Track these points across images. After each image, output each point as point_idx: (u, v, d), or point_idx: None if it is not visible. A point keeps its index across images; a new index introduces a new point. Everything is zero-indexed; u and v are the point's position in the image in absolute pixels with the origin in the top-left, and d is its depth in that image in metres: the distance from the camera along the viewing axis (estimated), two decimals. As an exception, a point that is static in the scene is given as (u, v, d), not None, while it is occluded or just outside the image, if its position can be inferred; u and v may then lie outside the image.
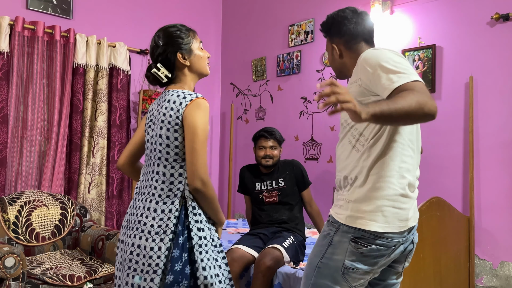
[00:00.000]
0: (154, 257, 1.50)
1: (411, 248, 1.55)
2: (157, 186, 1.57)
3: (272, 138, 2.85)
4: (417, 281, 2.35)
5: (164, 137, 1.57)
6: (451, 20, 3.06)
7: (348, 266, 1.42)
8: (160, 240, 1.51)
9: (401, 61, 1.33)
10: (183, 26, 1.71)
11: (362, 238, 1.40)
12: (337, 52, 1.62)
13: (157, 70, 1.64)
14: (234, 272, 2.52)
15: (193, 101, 1.55)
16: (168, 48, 1.64)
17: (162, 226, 1.52)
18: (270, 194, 2.85)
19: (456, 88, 3.03)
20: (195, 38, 1.71)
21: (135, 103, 3.99)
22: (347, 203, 1.45)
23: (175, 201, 1.54)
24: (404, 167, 1.43)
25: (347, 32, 1.61)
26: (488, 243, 2.86)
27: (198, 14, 4.53)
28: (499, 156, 2.83)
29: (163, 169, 1.57)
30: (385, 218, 1.40)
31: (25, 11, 3.37)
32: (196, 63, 1.69)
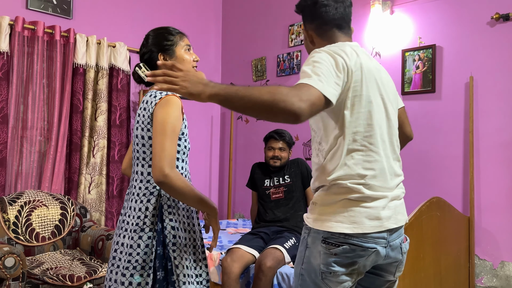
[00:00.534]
0: (133, 253, 1.54)
1: (399, 258, 1.48)
2: (137, 185, 1.61)
3: (281, 140, 2.91)
4: (417, 281, 2.35)
5: (140, 138, 1.60)
6: (451, 20, 3.06)
7: (324, 270, 1.36)
8: (138, 237, 1.54)
9: (320, 66, 1.27)
10: (174, 29, 1.74)
11: (332, 238, 1.35)
12: (307, 39, 1.53)
13: (138, 69, 1.69)
14: (234, 272, 2.52)
15: (162, 98, 1.56)
16: (152, 48, 1.70)
17: (139, 223, 1.55)
18: (277, 190, 2.92)
19: (456, 88, 3.03)
20: (182, 41, 1.73)
21: (135, 103, 3.99)
22: (315, 206, 1.43)
23: (152, 199, 1.57)
24: (365, 168, 1.37)
25: (318, 16, 1.48)
26: (488, 243, 2.86)
27: (198, 14, 4.53)
28: (499, 156, 2.83)
29: (141, 169, 1.61)
30: (352, 218, 1.35)
31: (25, 11, 3.37)
32: None
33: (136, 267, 1.53)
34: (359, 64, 1.36)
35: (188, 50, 1.74)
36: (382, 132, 1.41)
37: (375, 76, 1.41)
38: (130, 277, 1.53)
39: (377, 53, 3.43)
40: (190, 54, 1.73)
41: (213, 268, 2.76)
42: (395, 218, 1.42)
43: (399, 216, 1.44)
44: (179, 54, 1.70)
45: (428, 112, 3.14)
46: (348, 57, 1.34)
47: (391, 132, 1.45)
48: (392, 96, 1.49)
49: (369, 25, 3.46)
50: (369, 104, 1.37)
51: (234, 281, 2.53)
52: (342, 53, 1.34)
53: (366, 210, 1.36)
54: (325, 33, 1.49)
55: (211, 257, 2.81)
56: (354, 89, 1.34)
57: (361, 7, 3.52)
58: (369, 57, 1.45)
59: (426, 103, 3.16)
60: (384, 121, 1.42)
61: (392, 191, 1.43)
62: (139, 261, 1.53)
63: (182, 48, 1.71)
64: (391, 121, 1.45)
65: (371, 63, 1.42)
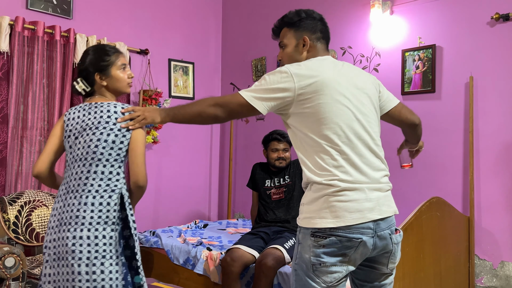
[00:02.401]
0: (100, 244, 1.68)
1: (390, 249, 1.56)
2: (94, 183, 1.75)
3: (284, 140, 2.93)
4: (417, 281, 2.35)
5: (109, 142, 1.77)
6: (451, 20, 3.06)
7: (314, 262, 1.48)
8: (103, 229, 1.70)
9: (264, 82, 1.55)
10: (111, 48, 1.90)
11: (320, 232, 1.48)
12: (303, 45, 1.69)
13: (76, 84, 1.87)
14: (233, 272, 2.52)
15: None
16: (89, 68, 1.86)
17: (102, 217, 1.71)
18: (278, 190, 2.93)
19: (456, 88, 3.03)
20: (118, 60, 1.88)
21: (135, 103, 3.99)
22: (302, 206, 1.59)
23: (113, 196, 1.75)
24: (335, 166, 1.50)
25: (321, 30, 1.71)
26: (488, 243, 2.87)
27: (198, 14, 4.53)
28: (499, 156, 2.83)
29: (102, 168, 1.77)
30: (334, 213, 1.47)
31: (25, 11, 3.37)
32: (113, 84, 1.88)
33: (105, 256, 1.68)
34: (320, 78, 1.52)
35: (124, 68, 1.89)
36: (349, 133, 1.53)
37: (341, 83, 1.55)
38: (101, 265, 1.68)
39: (377, 53, 3.43)
40: (125, 72, 1.90)
41: (213, 268, 2.76)
42: (378, 209, 1.51)
43: (384, 207, 1.54)
44: (114, 73, 1.87)
45: (428, 112, 3.14)
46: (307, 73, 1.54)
47: (362, 132, 1.56)
48: (367, 97, 1.63)
49: (369, 25, 3.46)
50: (331, 110, 1.51)
51: (234, 281, 2.53)
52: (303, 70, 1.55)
53: (346, 204, 1.47)
54: (315, 46, 1.69)
55: (211, 257, 2.81)
56: (311, 99, 1.51)
57: (361, 7, 3.52)
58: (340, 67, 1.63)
59: (426, 103, 3.16)
60: (354, 122, 1.54)
61: (372, 184, 1.53)
62: (107, 251, 1.69)
63: (118, 68, 1.87)
64: (363, 121, 1.57)
65: (338, 72, 1.59)
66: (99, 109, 1.82)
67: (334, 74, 1.57)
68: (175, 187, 4.30)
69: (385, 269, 1.61)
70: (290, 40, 1.71)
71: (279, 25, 1.78)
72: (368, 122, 1.59)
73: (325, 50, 1.72)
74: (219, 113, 1.57)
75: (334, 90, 1.53)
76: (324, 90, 1.51)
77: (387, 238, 1.55)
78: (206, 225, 3.84)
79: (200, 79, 4.51)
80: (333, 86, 1.53)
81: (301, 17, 1.71)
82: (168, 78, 4.25)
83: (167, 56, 4.24)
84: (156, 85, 4.10)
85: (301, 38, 1.68)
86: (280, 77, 1.53)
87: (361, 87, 1.62)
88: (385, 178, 1.61)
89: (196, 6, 4.52)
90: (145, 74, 4.06)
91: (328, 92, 1.51)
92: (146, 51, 4.01)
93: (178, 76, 4.32)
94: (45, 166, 1.91)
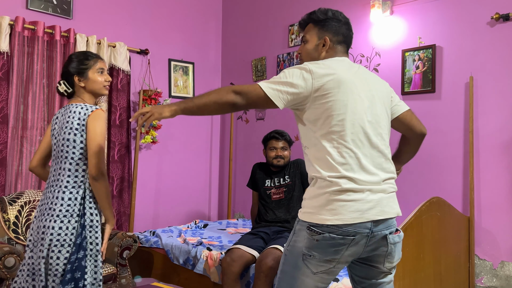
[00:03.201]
0: (62, 234, 1.94)
1: (385, 249, 1.58)
2: (64, 179, 2.00)
3: (283, 139, 2.94)
4: (417, 281, 2.35)
5: (71, 141, 2.00)
6: (451, 20, 3.06)
7: (305, 252, 1.54)
8: (67, 221, 1.95)
9: (283, 76, 1.56)
10: (91, 54, 2.13)
11: (316, 227, 1.52)
12: (322, 45, 1.71)
13: (58, 85, 2.12)
14: (233, 272, 2.52)
15: (93, 112, 2.01)
16: (70, 70, 2.08)
17: (69, 210, 1.96)
18: (278, 190, 2.94)
19: (456, 88, 3.03)
20: (96, 64, 2.10)
21: (135, 103, 3.99)
22: (304, 201, 1.63)
23: (79, 191, 2.00)
24: (341, 163, 1.52)
25: (344, 33, 1.74)
26: (488, 243, 2.87)
27: (198, 14, 4.53)
28: (499, 156, 2.84)
29: (69, 166, 2.01)
30: (333, 211, 1.50)
31: (25, 11, 3.37)
32: (90, 86, 2.10)
33: (64, 245, 1.93)
34: (337, 76, 1.56)
35: (101, 72, 2.11)
36: (359, 132, 1.55)
37: (356, 84, 1.59)
38: (58, 253, 1.93)
39: (377, 53, 3.43)
40: (102, 76, 2.12)
41: (213, 268, 2.76)
42: (380, 210, 1.54)
43: (386, 208, 1.56)
44: (91, 76, 2.09)
45: (428, 112, 3.14)
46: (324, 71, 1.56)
47: (372, 133, 1.58)
48: (380, 100, 1.66)
49: (369, 25, 3.46)
50: (344, 108, 1.54)
51: (234, 281, 2.53)
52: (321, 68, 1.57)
53: (347, 203, 1.50)
54: (334, 48, 1.72)
55: (211, 257, 2.81)
56: (326, 96, 1.53)
57: (361, 7, 3.52)
58: (356, 69, 1.66)
59: (426, 103, 3.16)
60: (365, 123, 1.57)
61: (377, 185, 1.55)
62: (66, 240, 1.93)
63: (95, 72, 2.09)
64: (374, 122, 1.60)
65: (354, 74, 1.62)
66: (71, 110, 2.04)
67: (350, 74, 1.60)
68: (175, 187, 4.30)
69: (383, 267, 1.63)
70: (312, 37, 1.74)
71: (306, 20, 1.79)
72: (378, 124, 1.62)
73: (344, 53, 1.75)
74: (238, 101, 1.54)
75: (349, 90, 1.56)
76: (340, 88, 1.54)
77: (383, 238, 1.57)
78: (206, 225, 3.84)
79: (200, 79, 4.51)
80: (349, 85, 1.56)
81: (327, 17, 1.73)
82: (168, 78, 4.25)
83: (167, 56, 4.24)
84: (156, 85, 4.10)
85: (323, 38, 1.71)
86: (300, 73, 1.55)
87: (375, 90, 1.65)
88: (391, 180, 1.63)
89: (196, 6, 4.52)
90: (145, 74, 4.06)
91: (344, 91, 1.54)
92: (146, 51, 4.01)
93: (178, 76, 4.32)
94: (36, 163, 2.20)
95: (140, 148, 4.02)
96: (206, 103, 1.55)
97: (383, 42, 3.39)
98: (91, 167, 1.96)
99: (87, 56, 2.12)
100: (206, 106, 1.55)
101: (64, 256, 1.94)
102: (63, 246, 1.94)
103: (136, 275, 3.36)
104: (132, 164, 3.87)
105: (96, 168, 1.95)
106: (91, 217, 2.01)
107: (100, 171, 1.96)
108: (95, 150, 1.96)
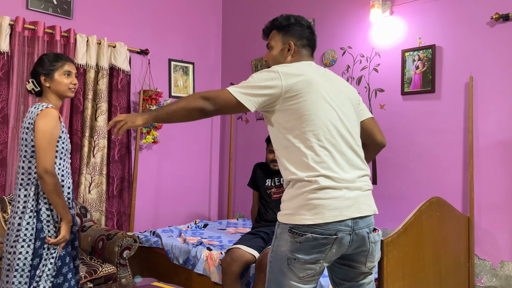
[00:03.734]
0: (18, 229, 2.05)
1: (367, 248, 1.60)
2: (19, 177, 2.11)
3: None
4: (417, 281, 2.35)
5: (23, 139, 2.10)
6: (451, 20, 3.06)
7: (289, 256, 1.54)
8: (22, 217, 2.05)
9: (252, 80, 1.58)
10: (62, 57, 2.19)
11: (297, 228, 1.52)
12: (287, 49, 1.75)
13: (27, 83, 2.19)
14: (233, 272, 2.52)
15: (42, 110, 2.05)
16: (38, 70, 2.15)
17: (25, 206, 2.06)
18: (278, 190, 2.94)
19: (456, 88, 3.03)
20: (64, 67, 2.16)
21: (135, 103, 3.99)
22: (283, 203, 1.64)
23: (32, 188, 2.08)
24: (317, 162, 1.53)
25: (307, 37, 1.77)
26: (488, 243, 2.87)
27: (198, 14, 4.53)
28: (499, 156, 2.84)
29: (23, 164, 2.10)
30: (312, 210, 1.51)
31: (25, 11, 3.37)
32: (55, 87, 2.16)
33: (19, 240, 2.03)
34: (306, 78, 1.58)
35: (68, 75, 2.17)
36: (332, 131, 1.57)
37: (325, 85, 1.61)
38: (14, 248, 2.04)
39: (377, 53, 3.43)
40: (68, 78, 2.17)
41: (213, 268, 2.76)
42: (358, 208, 1.56)
43: (363, 206, 1.58)
44: (57, 78, 2.15)
45: (428, 112, 3.14)
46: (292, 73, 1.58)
47: (344, 131, 1.61)
48: (349, 101, 1.69)
49: (369, 25, 3.46)
50: (314, 109, 1.56)
51: (234, 281, 2.53)
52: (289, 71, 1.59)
53: (325, 201, 1.51)
54: (299, 52, 1.76)
55: (211, 257, 2.81)
56: (296, 97, 1.55)
57: (361, 7, 3.52)
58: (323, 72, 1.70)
59: (426, 103, 3.16)
60: (337, 121, 1.60)
61: (352, 183, 1.57)
62: (21, 235, 2.03)
63: (62, 74, 2.15)
64: (345, 121, 1.62)
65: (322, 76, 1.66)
66: (29, 110, 2.12)
67: (318, 76, 1.64)
68: (175, 187, 4.30)
69: (364, 268, 1.64)
70: (277, 43, 1.78)
71: (269, 27, 1.82)
72: (349, 123, 1.65)
73: (310, 56, 1.79)
74: (207, 106, 1.54)
75: (318, 90, 1.59)
76: (309, 88, 1.57)
77: (365, 237, 1.59)
78: (206, 225, 3.84)
79: (200, 79, 4.51)
80: (318, 86, 1.60)
81: (290, 22, 1.77)
82: (168, 78, 4.25)
83: (167, 56, 4.24)
84: (156, 85, 4.10)
85: (287, 42, 1.75)
86: (268, 75, 1.58)
87: (343, 91, 1.69)
88: (366, 177, 1.65)
89: (196, 6, 4.52)
90: (145, 74, 4.06)
91: (313, 91, 1.57)
92: (146, 51, 4.02)
93: (178, 76, 4.32)
94: None
95: (140, 148, 4.03)
96: (175, 110, 1.56)
97: (383, 42, 3.39)
98: (36, 164, 2.03)
99: (56, 57, 2.18)
100: (175, 113, 1.56)
101: (20, 251, 2.03)
102: (18, 241, 2.04)
103: (136, 275, 3.36)
104: (132, 164, 3.87)
105: (39, 165, 2.01)
106: (47, 212, 2.08)
107: (44, 169, 2.00)
108: (38, 148, 2.02)
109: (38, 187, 2.08)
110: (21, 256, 2.03)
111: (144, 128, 3.90)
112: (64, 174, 2.16)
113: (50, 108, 2.07)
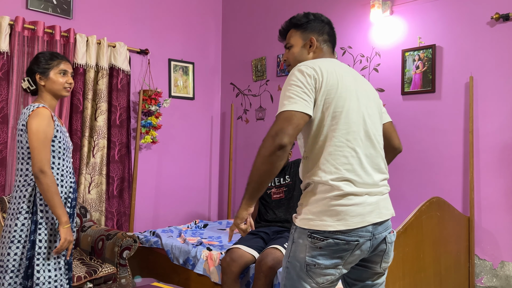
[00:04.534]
0: (11, 231, 2.04)
1: (383, 248, 1.56)
2: (17, 179, 2.10)
3: None
4: (417, 281, 2.35)
5: (19, 141, 2.09)
6: (451, 20, 3.06)
7: (309, 262, 1.47)
8: (16, 218, 2.04)
9: (295, 86, 1.47)
10: (58, 56, 2.17)
11: (318, 233, 1.46)
12: (309, 45, 1.69)
13: (22, 81, 2.18)
14: (233, 272, 2.52)
15: (33, 111, 2.03)
16: (34, 68, 2.14)
17: (19, 208, 2.05)
18: (278, 190, 2.93)
19: (456, 88, 3.03)
20: (59, 65, 2.14)
21: (135, 103, 3.99)
22: (301, 207, 1.56)
23: (28, 189, 2.07)
24: (343, 164, 1.48)
25: (328, 33, 1.72)
26: (488, 243, 2.87)
27: (198, 14, 4.53)
28: (499, 156, 2.83)
29: (21, 166, 2.10)
30: (335, 217, 1.45)
31: (25, 11, 3.37)
32: (50, 86, 2.14)
33: (14, 241, 2.03)
34: (336, 74, 1.52)
35: (63, 74, 2.15)
36: (360, 131, 1.52)
37: (351, 83, 1.56)
38: (8, 249, 2.03)
39: (377, 53, 3.43)
40: (63, 77, 2.15)
41: (213, 268, 2.76)
42: (378, 213, 1.51)
43: (383, 210, 1.54)
44: (52, 76, 2.13)
45: (428, 112, 3.14)
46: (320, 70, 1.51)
47: (371, 132, 1.56)
48: (374, 102, 1.65)
49: (369, 25, 3.46)
50: (344, 107, 1.50)
51: (233, 281, 2.53)
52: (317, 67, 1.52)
53: (348, 208, 1.46)
54: (321, 48, 1.69)
55: (211, 257, 2.81)
56: (327, 96, 1.49)
57: (361, 7, 3.52)
58: (347, 69, 1.64)
59: (426, 103, 3.16)
60: (361, 122, 1.54)
61: (374, 188, 1.53)
62: (16, 236, 2.03)
63: (57, 73, 2.13)
64: (369, 123, 1.57)
65: (348, 74, 1.59)
66: (22, 111, 2.10)
67: (346, 74, 1.58)
68: (175, 187, 4.30)
69: (378, 268, 1.61)
70: (297, 41, 1.71)
71: (286, 26, 1.76)
72: (375, 125, 1.60)
73: (331, 53, 1.72)
74: (282, 139, 1.39)
75: (347, 88, 1.53)
76: (339, 85, 1.51)
77: (383, 240, 1.55)
78: (206, 225, 3.84)
79: (200, 79, 4.51)
80: (346, 83, 1.53)
81: (309, 19, 1.71)
82: (168, 78, 4.25)
83: (167, 56, 4.24)
84: (156, 85, 4.10)
85: (308, 38, 1.69)
86: (300, 76, 1.49)
87: (368, 91, 1.64)
88: (385, 181, 1.61)
89: (196, 6, 4.52)
90: (145, 74, 4.06)
91: (343, 88, 1.52)
92: (146, 51, 4.01)
93: (178, 76, 4.32)
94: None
95: (140, 148, 4.02)
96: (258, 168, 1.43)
97: (383, 42, 3.39)
98: (32, 165, 2.01)
99: (52, 56, 2.16)
100: (258, 171, 1.43)
101: (14, 252, 2.03)
102: (13, 242, 2.03)
103: (136, 275, 3.36)
104: (132, 164, 3.87)
105: (34, 166, 1.99)
106: (41, 214, 2.06)
107: (39, 169, 1.98)
108: (32, 148, 2.00)
109: (35, 188, 2.06)
110: (16, 257, 2.03)
111: (143, 128, 3.90)
112: (64, 173, 2.14)
113: (41, 108, 2.05)
